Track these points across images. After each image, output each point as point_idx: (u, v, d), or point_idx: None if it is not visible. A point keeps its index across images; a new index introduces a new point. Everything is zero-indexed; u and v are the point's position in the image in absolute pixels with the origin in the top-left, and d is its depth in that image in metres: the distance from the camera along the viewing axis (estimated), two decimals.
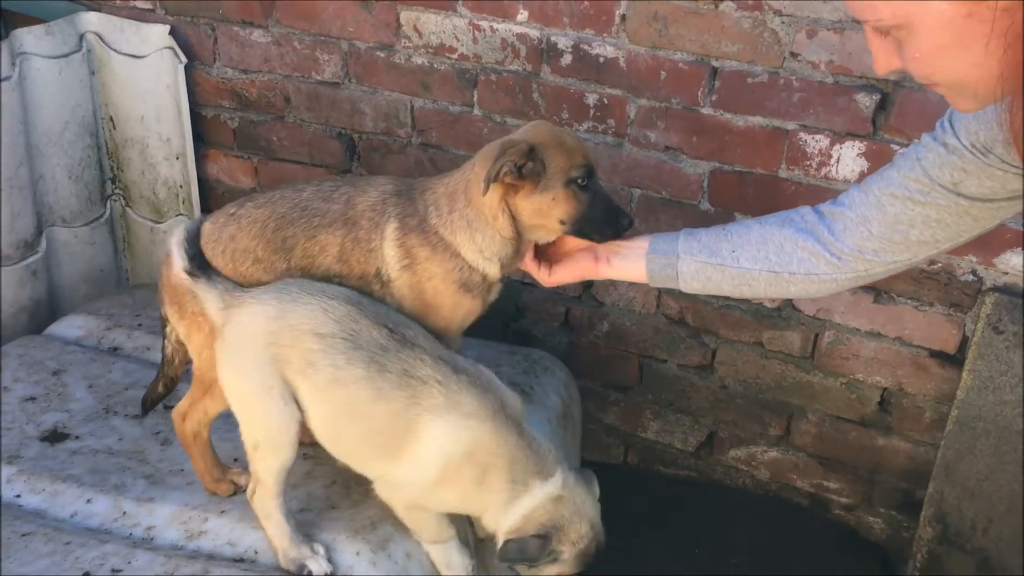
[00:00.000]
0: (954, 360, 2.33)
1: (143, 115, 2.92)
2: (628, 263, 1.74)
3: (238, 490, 1.95)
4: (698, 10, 2.26)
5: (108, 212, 3.09)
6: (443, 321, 1.87)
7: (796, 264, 1.55)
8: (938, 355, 2.35)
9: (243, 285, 1.83)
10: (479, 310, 1.89)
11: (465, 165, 1.86)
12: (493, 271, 1.84)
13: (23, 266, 2.81)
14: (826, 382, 2.50)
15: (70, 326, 2.68)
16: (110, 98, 2.93)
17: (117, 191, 3.08)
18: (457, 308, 1.86)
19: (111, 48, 2.85)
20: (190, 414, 1.90)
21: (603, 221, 1.76)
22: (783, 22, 2.20)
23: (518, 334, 2.81)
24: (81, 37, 2.85)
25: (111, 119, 2.96)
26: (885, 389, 2.44)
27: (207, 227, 1.88)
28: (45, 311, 2.92)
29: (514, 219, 1.79)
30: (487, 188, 1.72)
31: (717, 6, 2.24)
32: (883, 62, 1.17)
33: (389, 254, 1.83)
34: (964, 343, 2.31)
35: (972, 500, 2.31)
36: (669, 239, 1.70)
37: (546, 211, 1.76)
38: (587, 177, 1.75)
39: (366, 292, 1.86)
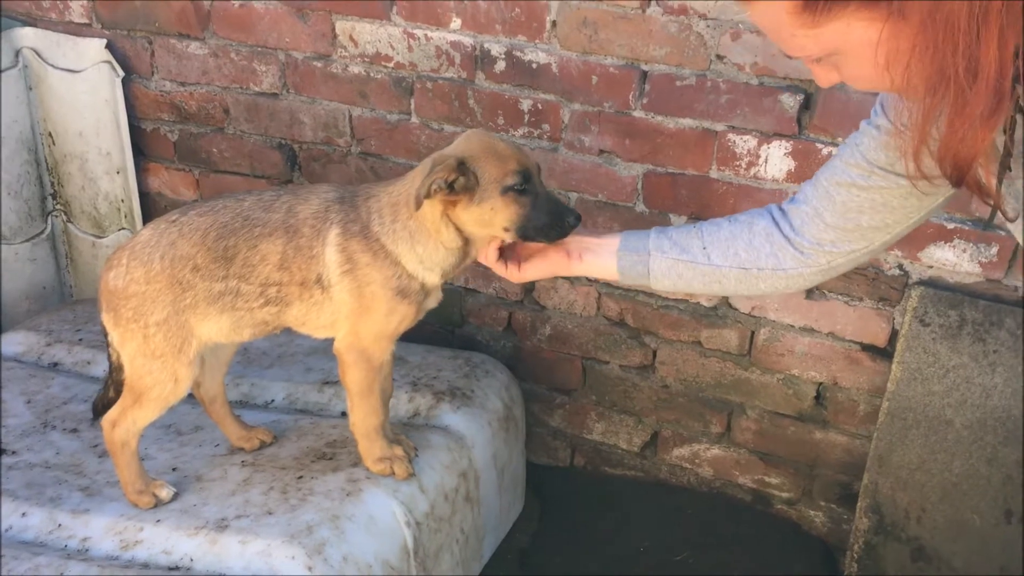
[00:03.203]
0: (885, 353, 2.38)
1: (82, 130, 2.92)
2: (600, 259, 1.73)
3: (159, 503, 1.95)
4: (626, 15, 2.30)
5: (49, 228, 3.07)
6: (378, 325, 1.88)
7: (764, 259, 1.56)
8: (869, 348, 2.40)
9: (179, 291, 1.84)
10: (414, 315, 1.91)
11: (409, 174, 1.88)
12: (432, 280, 1.87)
13: None
14: (763, 379, 2.54)
15: (10, 343, 2.66)
16: (48, 113, 2.92)
17: (58, 207, 3.06)
18: (392, 314, 1.88)
19: (48, 63, 2.85)
20: (120, 422, 1.90)
21: (548, 223, 1.75)
22: (708, 25, 2.24)
23: (463, 340, 2.82)
24: (17, 53, 2.84)
25: (50, 134, 2.95)
26: (820, 384, 2.49)
27: (146, 231, 1.89)
28: None
29: (459, 230, 1.81)
30: (418, 206, 1.74)
31: (644, 11, 2.28)
32: (824, 79, 1.20)
33: (330, 259, 1.85)
34: (894, 336, 2.36)
35: (905, 490, 2.35)
36: (640, 236, 1.70)
37: (488, 221, 1.77)
38: (524, 182, 1.74)
39: (306, 298, 1.88)
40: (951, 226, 2.20)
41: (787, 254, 1.54)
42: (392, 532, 1.96)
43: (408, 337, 2.23)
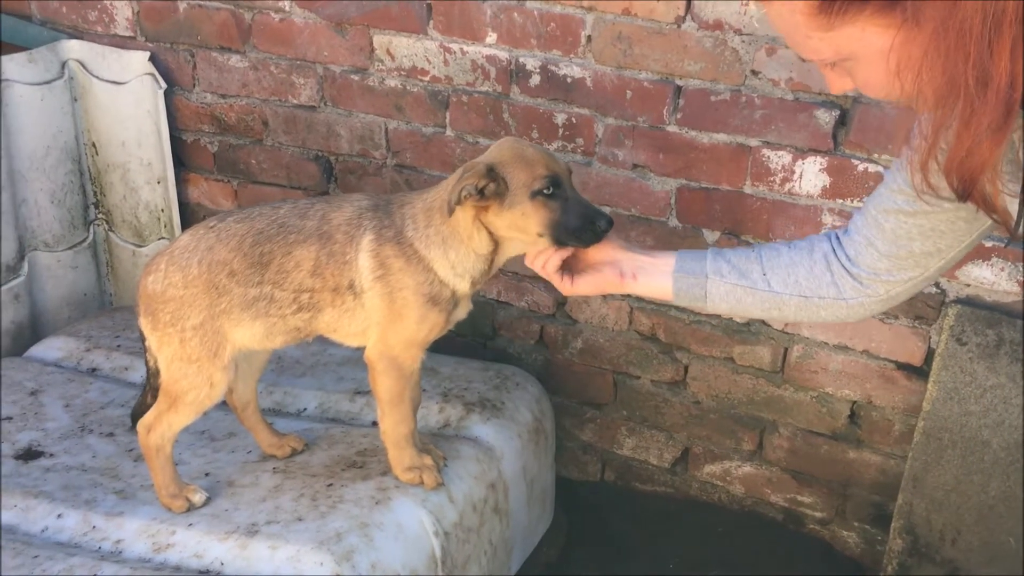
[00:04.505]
0: (920, 372, 2.36)
1: (124, 140, 2.97)
2: (654, 280, 1.69)
3: (191, 507, 1.97)
4: (661, 30, 2.31)
5: (91, 236, 3.13)
6: (409, 332, 1.90)
7: (825, 288, 1.54)
8: (904, 367, 2.38)
9: (215, 296, 1.88)
10: (443, 325, 1.92)
11: (444, 182, 1.90)
12: (463, 287, 1.88)
13: (5, 290, 2.84)
14: (796, 396, 2.52)
15: (50, 348, 2.71)
16: (92, 124, 2.98)
17: (100, 215, 3.12)
18: (423, 321, 1.89)
19: (93, 75, 2.90)
20: (155, 426, 1.93)
21: (579, 226, 1.75)
22: (743, 41, 2.24)
23: (495, 353, 2.83)
24: (63, 64, 2.90)
25: (93, 144, 3.01)
26: (854, 402, 2.46)
27: (185, 237, 1.93)
28: (28, 335, 2.94)
29: (491, 235, 1.83)
30: (451, 212, 1.77)
31: (679, 26, 2.28)
32: (836, 85, 1.21)
33: (363, 264, 1.87)
34: (930, 355, 2.33)
35: (940, 511, 2.32)
36: (697, 258, 1.66)
37: (520, 225, 1.79)
38: (553, 186, 1.76)
39: (338, 304, 1.90)
40: (989, 244, 2.18)
41: (847, 283, 1.51)
42: (420, 541, 1.97)
43: (439, 348, 2.26)
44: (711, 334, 2.55)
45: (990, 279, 2.20)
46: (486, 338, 2.84)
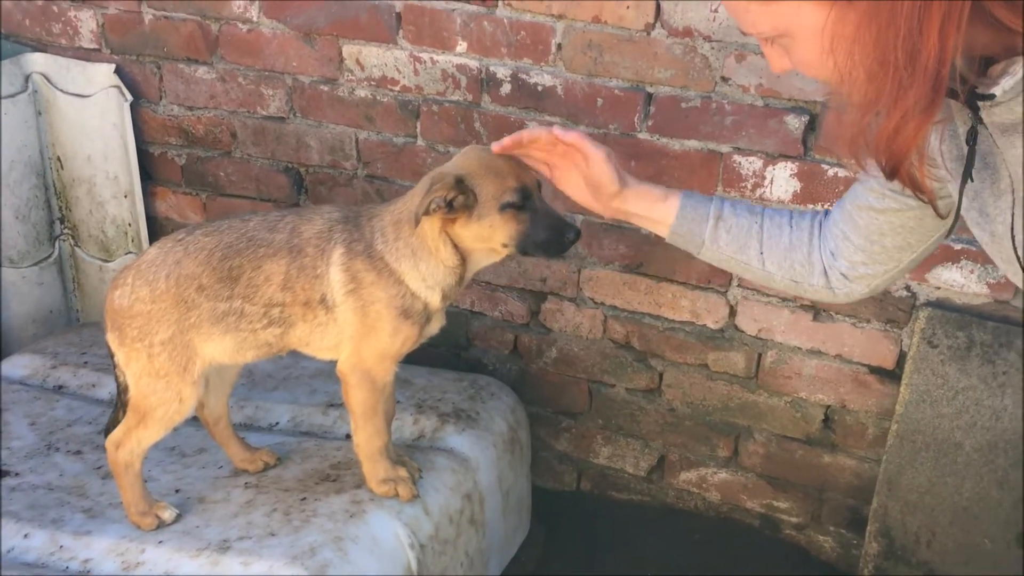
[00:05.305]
0: (893, 376, 2.37)
1: (90, 154, 2.93)
2: (652, 216, 1.64)
3: (161, 525, 1.94)
4: (631, 37, 2.31)
5: (57, 252, 3.08)
6: (382, 345, 1.88)
7: (816, 277, 1.57)
8: (877, 371, 2.39)
9: (184, 310, 1.85)
10: (416, 338, 1.91)
11: (410, 192, 1.88)
12: (435, 300, 1.87)
13: None
14: (771, 401, 2.53)
15: (15, 366, 2.66)
16: (57, 138, 2.94)
17: (65, 231, 3.07)
18: (396, 334, 1.87)
19: (57, 88, 2.86)
20: (124, 443, 1.89)
21: (548, 239, 1.76)
22: (712, 47, 2.25)
23: (469, 363, 2.81)
24: (27, 78, 2.86)
25: (59, 159, 2.97)
26: (828, 407, 2.47)
27: (152, 251, 1.90)
28: None
29: (456, 247, 1.81)
30: (416, 223, 1.76)
31: (649, 33, 2.29)
32: (776, 64, 1.23)
33: (335, 279, 1.85)
34: (902, 358, 2.34)
35: (915, 514, 2.33)
36: (697, 218, 1.61)
37: (486, 237, 1.78)
38: (523, 198, 1.75)
39: (309, 318, 1.87)
40: (958, 247, 2.19)
41: (834, 275, 1.55)
42: (396, 554, 1.94)
43: (413, 360, 2.23)
44: (685, 341, 2.55)
45: (960, 281, 2.22)
46: (460, 348, 2.82)
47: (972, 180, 1.18)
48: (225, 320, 1.86)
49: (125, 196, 2.96)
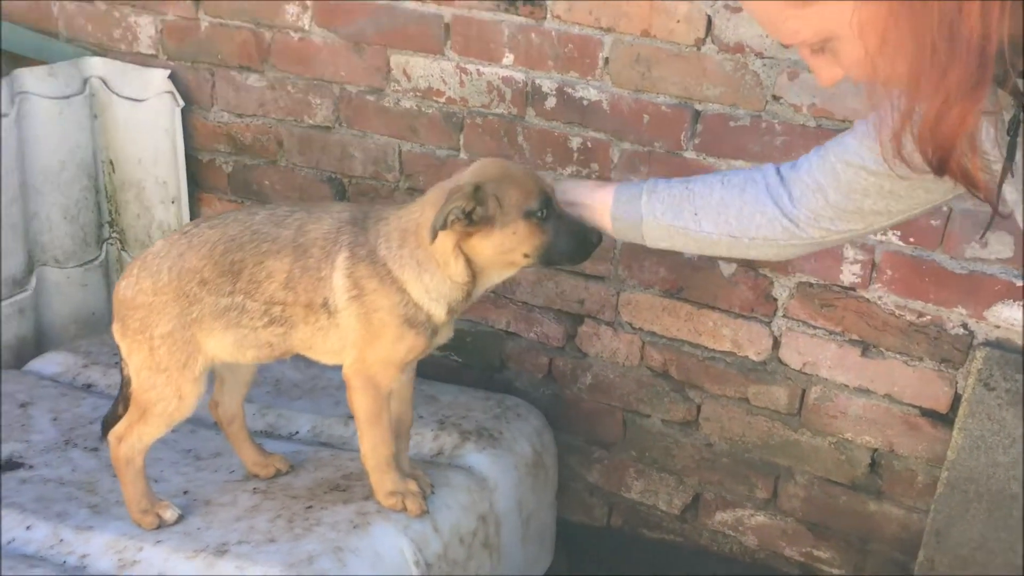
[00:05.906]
0: (946, 419, 2.21)
1: (141, 158, 2.95)
2: (594, 219, 1.73)
3: (162, 524, 1.89)
4: (680, 52, 2.23)
5: (103, 255, 3.10)
6: (385, 351, 1.82)
7: (755, 230, 1.54)
8: (929, 414, 2.24)
9: (185, 304, 1.81)
10: (423, 347, 1.84)
11: (420, 200, 1.83)
12: (439, 313, 1.80)
13: (9, 303, 2.81)
14: (814, 441, 2.39)
15: (48, 363, 2.66)
16: (110, 141, 2.97)
17: (114, 234, 3.09)
18: (400, 341, 1.81)
19: (113, 92, 2.90)
20: (125, 437, 1.86)
21: (574, 247, 1.73)
22: (764, 65, 2.16)
23: (501, 385, 2.73)
24: (85, 81, 2.90)
25: (111, 162, 3.00)
26: (875, 450, 2.32)
27: (159, 243, 1.87)
28: (31, 349, 2.90)
29: (469, 263, 1.75)
30: (433, 238, 1.69)
31: (699, 48, 2.21)
32: (824, 75, 1.16)
33: (338, 284, 1.80)
34: (956, 401, 2.19)
35: (965, 569, 2.16)
36: (632, 197, 1.67)
37: (509, 248, 1.72)
38: (545, 207, 1.71)
39: (311, 321, 1.82)
40: (1019, 283, 2.05)
41: (779, 226, 1.51)
42: (399, 570, 1.86)
43: (442, 377, 2.17)
44: (725, 372, 2.43)
45: (1021, 320, 2.07)
46: (494, 370, 2.74)
47: (1012, 175, 1.08)
48: (226, 315, 1.82)
49: (172, 202, 2.97)
